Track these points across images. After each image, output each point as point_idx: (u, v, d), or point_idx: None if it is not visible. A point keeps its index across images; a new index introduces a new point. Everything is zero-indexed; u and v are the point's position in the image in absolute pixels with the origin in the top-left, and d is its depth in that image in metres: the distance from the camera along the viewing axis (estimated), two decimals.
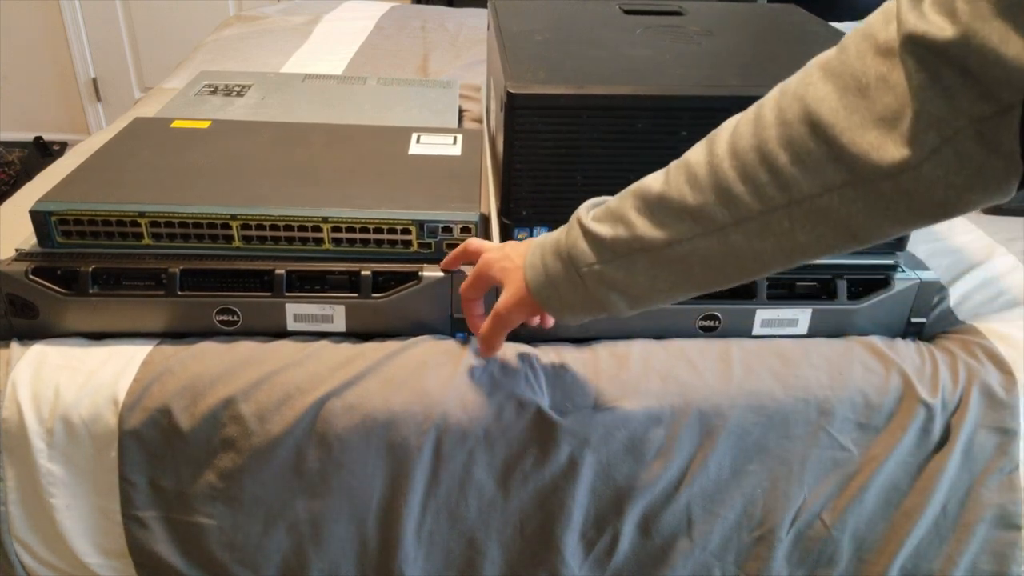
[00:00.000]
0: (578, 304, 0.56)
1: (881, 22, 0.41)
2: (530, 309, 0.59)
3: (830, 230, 0.45)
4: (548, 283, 0.56)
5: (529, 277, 0.58)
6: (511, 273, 0.60)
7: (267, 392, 0.64)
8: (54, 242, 0.68)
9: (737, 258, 0.48)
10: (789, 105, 0.44)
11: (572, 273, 0.55)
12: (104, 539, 0.68)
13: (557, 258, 0.56)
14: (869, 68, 0.41)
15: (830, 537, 0.70)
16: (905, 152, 0.40)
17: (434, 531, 0.68)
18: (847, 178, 0.42)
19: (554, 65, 0.71)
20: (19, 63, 2.55)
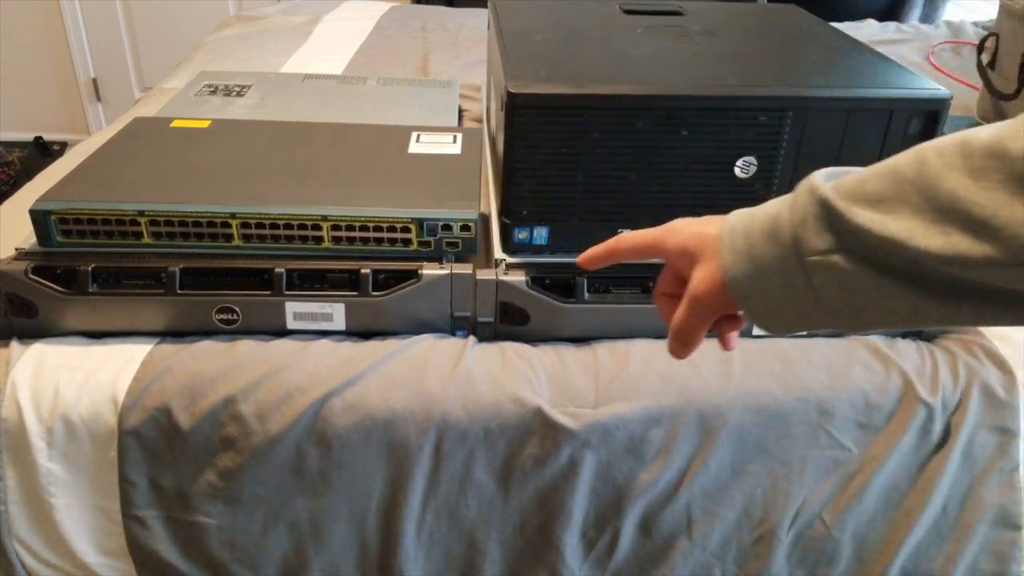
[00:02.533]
0: (790, 308, 0.40)
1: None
2: (727, 303, 0.43)
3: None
4: (754, 271, 0.41)
5: (726, 260, 0.42)
6: (708, 243, 0.44)
7: (267, 391, 0.64)
8: (54, 241, 0.68)
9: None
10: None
11: (793, 260, 0.39)
12: (104, 539, 0.68)
13: (771, 238, 0.40)
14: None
15: (830, 537, 0.70)
16: None
17: (434, 530, 0.68)
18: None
19: (554, 65, 0.71)
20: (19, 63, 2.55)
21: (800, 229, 0.39)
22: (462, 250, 0.70)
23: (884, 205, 0.36)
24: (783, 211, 0.40)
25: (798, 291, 0.40)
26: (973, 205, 0.33)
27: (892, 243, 0.36)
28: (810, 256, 0.38)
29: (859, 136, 0.69)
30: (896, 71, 0.73)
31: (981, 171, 0.33)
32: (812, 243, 0.38)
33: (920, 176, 0.35)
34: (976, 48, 1.11)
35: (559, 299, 0.70)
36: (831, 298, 0.39)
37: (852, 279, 0.38)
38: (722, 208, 0.70)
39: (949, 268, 0.34)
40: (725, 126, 0.67)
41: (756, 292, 0.41)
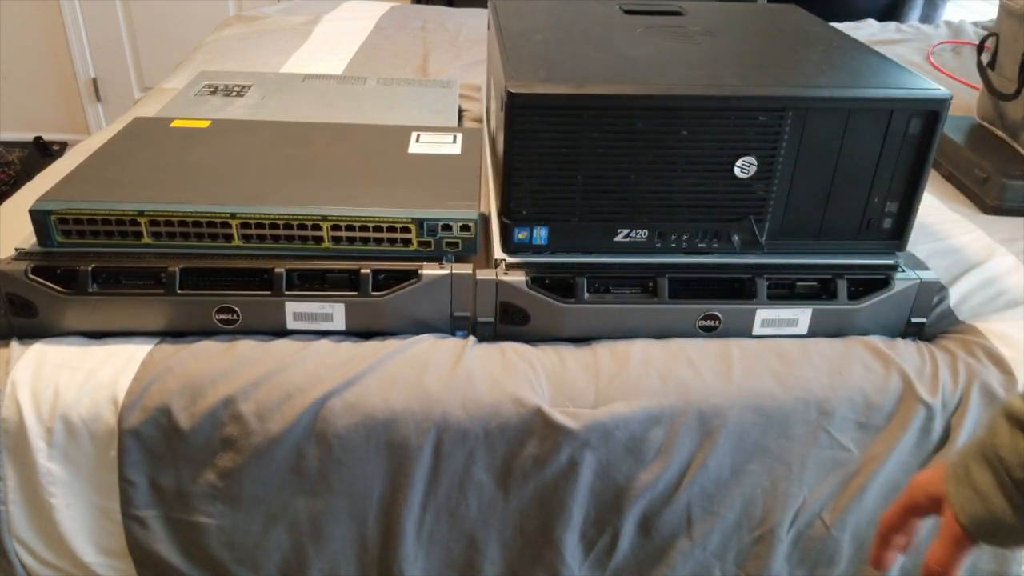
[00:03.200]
0: (1017, 527, 0.42)
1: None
2: (964, 536, 0.45)
3: None
4: (976, 497, 0.44)
5: (951, 490, 0.45)
6: (944, 486, 0.48)
7: (267, 391, 0.64)
8: (54, 241, 0.68)
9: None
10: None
11: (1004, 479, 0.42)
12: (104, 538, 0.68)
13: (984, 463, 0.43)
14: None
15: (830, 537, 0.70)
16: None
17: (434, 530, 0.68)
18: None
19: (554, 65, 0.71)
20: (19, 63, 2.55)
21: (1003, 449, 0.41)
22: (462, 250, 0.70)
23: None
24: (986, 436, 0.43)
25: (1017, 508, 0.42)
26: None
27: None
28: (1016, 473, 0.41)
29: (859, 136, 0.69)
30: (896, 71, 0.73)
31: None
32: (1017, 459, 0.41)
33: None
34: (976, 48, 1.11)
35: (559, 299, 0.70)
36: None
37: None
38: (721, 209, 0.71)
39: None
40: (725, 126, 0.67)
41: (980, 515, 0.43)
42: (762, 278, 0.71)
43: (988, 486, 0.43)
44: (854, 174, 0.71)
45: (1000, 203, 0.93)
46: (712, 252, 0.73)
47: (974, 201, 0.97)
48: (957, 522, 0.45)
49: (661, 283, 0.70)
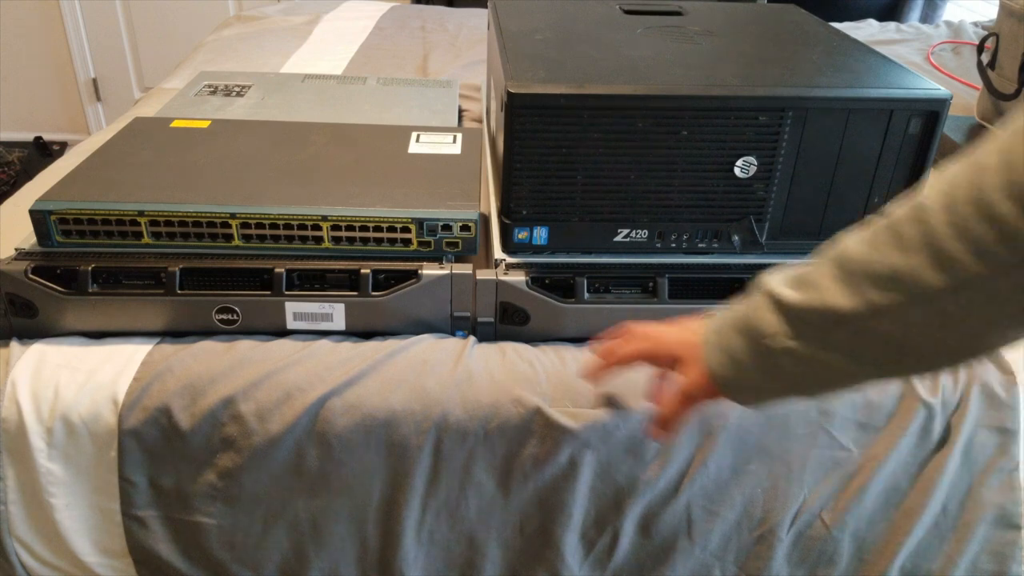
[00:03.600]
0: (766, 385, 0.49)
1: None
2: (711, 392, 0.53)
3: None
4: (731, 362, 0.50)
5: (707, 355, 0.51)
6: (690, 349, 0.54)
7: (267, 391, 0.64)
8: (54, 241, 0.68)
9: (953, 332, 0.40)
10: (1013, 146, 0.36)
11: (757, 348, 0.48)
12: (104, 538, 0.68)
13: (738, 331, 0.49)
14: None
15: (830, 537, 0.70)
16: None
17: (434, 530, 0.68)
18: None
19: (554, 65, 0.71)
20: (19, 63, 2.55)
21: (756, 321, 0.47)
22: (462, 250, 0.70)
23: (810, 283, 0.45)
24: (746, 310, 0.49)
25: (767, 372, 0.48)
26: (876, 264, 0.41)
27: (822, 312, 0.44)
28: (769, 343, 0.47)
29: (859, 136, 0.69)
30: (896, 71, 0.73)
31: (874, 236, 0.42)
32: (768, 330, 0.47)
33: (834, 256, 0.44)
34: (976, 48, 1.11)
35: (559, 299, 0.70)
36: (791, 374, 0.47)
37: (806, 355, 0.45)
38: (721, 209, 0.71)
39: (868, 322, 0.42)
40: (725, 126, 0.67)
41: (737, 379, 0.50)
42: None
43: (742, 352, 0.49)
44: (854, 174, 0.71)
45: None
46: (712, 252, 0.73)
47: None
48: (707, 382, 0.52)
49: (661, 283, 0.70)
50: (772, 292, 0.47)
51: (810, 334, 0.45)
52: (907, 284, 0.40)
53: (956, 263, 0.38)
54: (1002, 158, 0.36)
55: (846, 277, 0.43)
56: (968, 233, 0.37)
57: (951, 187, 0.39)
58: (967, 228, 0.37)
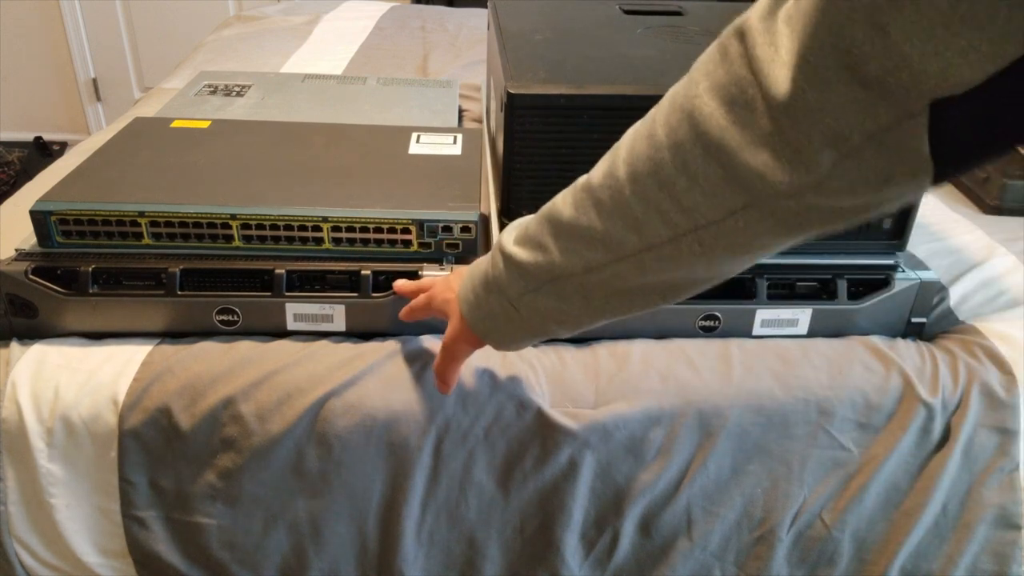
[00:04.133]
0: (518, 333, 0.55)
1: (761, 22, 0.37)
2: (475, 341, 0.58)
3: (744, 248, 0.42)
4: (485, 316, 0.55)
5: (465, 311, 0.57)
6: (452, 305, 0.59)
7: (267, 392, 0.64)
8: (54, 242, 0.68)
9: (658, 281, 0.46)
10: (680, 123, 0.40)
11: (505, 303, 0.53)
12: (104, 539, 0.68)
13: (487, 289, 0.54)
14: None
15: (830, 537, 0.70)
16: (800, 172, 0.36)
17: (434, 531, 0.68)
18: (747, 200, 0.39)
19: (554, 65, 0.71)
20: (19, 63, 2.55)
21: (499, 279, 0.53)
22: (462, 251, 0.70)
23: (536, 243, 0.50)
24: (488, 266, 0.54)
25: (517, 322, 0.53)
26: (583, 227, 0.47)
27: (549, 269, 0.49)
28: (512, 298, 0.52)
29: None
30: None
31: (580, 201, 0.47)
32: (510, 289, 0.52)
33: (549, 216, 0.49)
34: None
35: None
36: (539, 322, 0.53)
37: (543, 306, 0.51)
38: None
39: (587, 276, 0.48)
40: None
41: (493, 330, 0.55)
42: (762, 278, 0.71)
43: (492, 306, 0.54)
44: None
45: (1000, 203, 0.93)
46: None
47: (974, 201, 0.97)
48: (468, 331, 0.57)
49: None
50: (506, 250, 0.52)
51: (545, 288, 0.50)
52: (611, 244, 0.46)
53: (645, 226, 0.44)
54: (670, 135, 0.41)
55: (562, 237, 0.48)
56: (651, 201, 0.43)
57: (632, 156, 0.43)
58: (649, 197, 0.43)
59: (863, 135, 0.34)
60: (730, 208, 0.40)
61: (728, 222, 0.41)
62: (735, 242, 0.42)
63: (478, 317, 0.56)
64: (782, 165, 0.37)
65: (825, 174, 0.36)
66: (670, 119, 0.41)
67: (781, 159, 0.37)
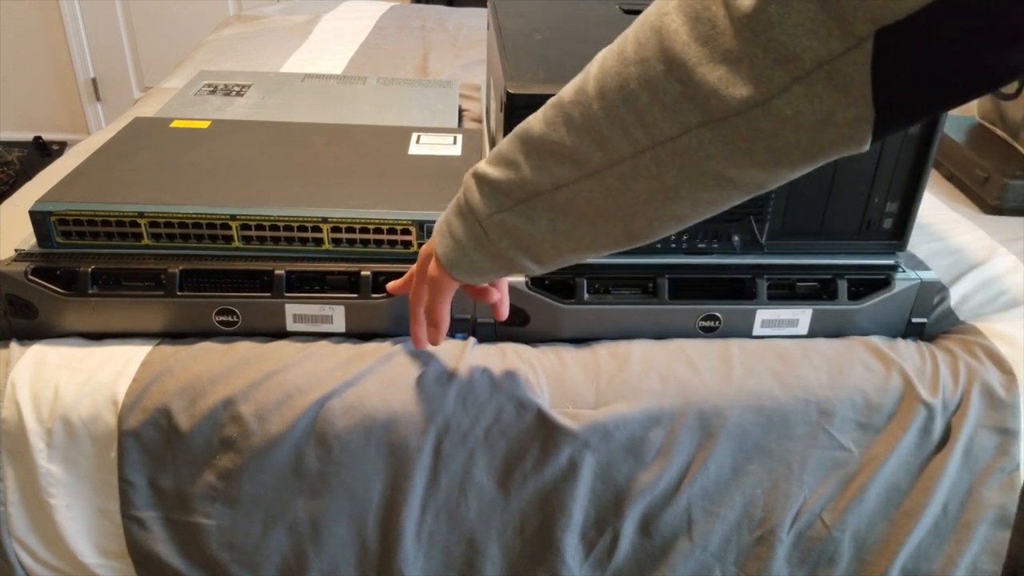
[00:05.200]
0: (486, 262, 0.54)
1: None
2: (449, 281, 0.57)
3: (697, 173, 0.43)
4: (454, 244, 0.54)
5: (437, 242, 0.56)
6: (430, 247, 0.59)
7: (267, 392, 0.64)
8: (53, 242, 0.68)
9: (619, 201, 0.46)
10: (648, 39, 0.41)
11: (474, 226, 0.52)
12: (104, 539, 0.68)
13: (458, 215, 0.54)
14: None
15: (830, 537, 0.70)
16: (751, 88, 0.37)
17: (434, 531, 0.68)
18: (702, 118, 0.40)
19: (554, 65, 0.71)
20: (19, 63, 2.55)
21: (470, 201, 0.52)
22: None
23: (508, 161, 0.49)
24: (460, 194, 0.54)
25: (486, 248, 0.52)
26: (552, 142, 0.47)
27: (520, 185, 0.49)
28: (481, 219, 0.51)
29: None
30: None
31: (550, 118, 0.47)
32: (479, 208, 0.51)
33: (521, 133, 0.49)
34: None
35: (559, 300, 0.70)
36: (506, 246, 0.52)
37: (512, 227, 0.50)
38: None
39: (555, 194, 0.48)
40: None
41: (462, 260, 0.54)
42: (762, 278, 0.71)
43: (463, 235, 0.53)
44: (854, 174, 0.71)
45: (1001, 203, 0.93)
46: (712, 252, 0.73)
47: (974, 201, 0.97)
48: (439, 267, 0.56)
49: (661, 283, 0.70)
50: (478, 171, 0.52)
51: (516, 209, 0.50)
52: (578, 160, 0.46)
53: (609, 141, 0.44)
54: (638, 51, 0.42)
55: (533, 153, 0.48)
56: (617, 119, 0.43)
57: (602, 75, 0.44)
58: (615, 113, 0.43)
59: (814, 60, 0.35)
60: (685, 125, 0.41)
61: (683, 140, 0.41)
62: (688, 163, 0.42)
63: (448, 246, 0.55)
64: (736, 80, 0.38)
65: (775, 93, 0.37)
66: (639, 35, 0.42)
67: (736, 75, 0.38)
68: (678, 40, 0.39)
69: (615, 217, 0.47)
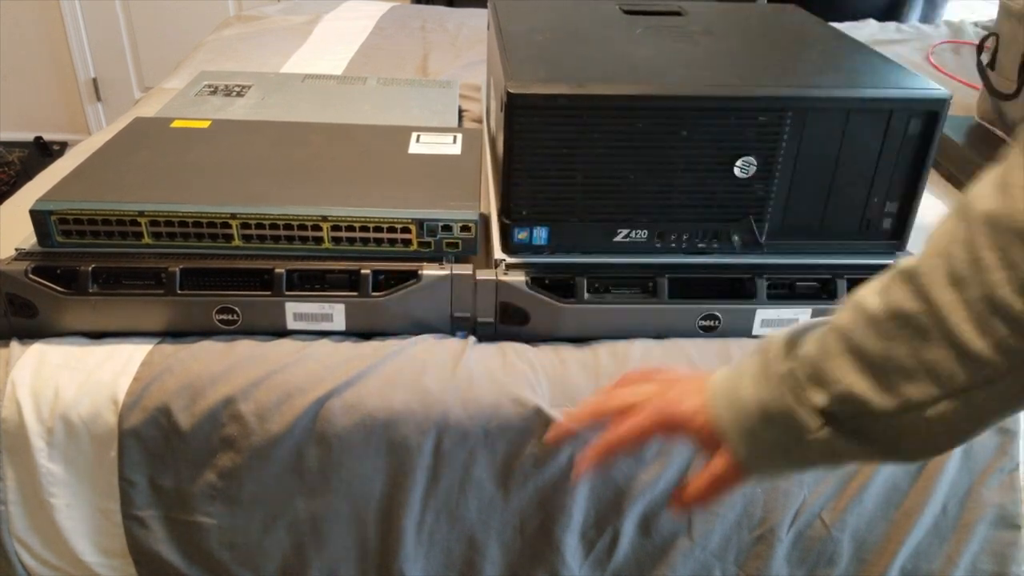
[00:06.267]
0: (792, 469, 0.53)
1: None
2: (739, 476, 0.52)
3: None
4: (766, 457, 0.49)
5: (739, 447, 0.50)
6: (713, 437, 0.52)
7: (267, 391, 0.64)
8: (54, 241, 0.68)
9: (977, 422, 0.41)
10: (1009, 244, 0.37)
11: (794, 443, 0.47)
12: (104, 538, 0.68)
13: (771, 425, 0.48)
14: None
15: (830, 537, 0.70)
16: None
17: (434, 531, 0.68)
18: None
19: (554, 65, 0.71)
20: (19, 63, 2.55)
21: (792, 419, 0.46)
22: (462, 250, 0.70)
23: (833, 380, 0.44)
24: (769, 400, 0.47)
25: (793, 460, 0.48)
26: (902, 358, 0.41)
27: (856, 407, 0.43)
28: (807, 437, 0.46)
29: (858, 136, 0.69)
30: (896, 71, 0.73)
31: (883, 328, 0.42)
32: (806, 428, 0.45)
33: (832, 349, 0.44)
34: (976, 48, 1.11)
35: (559, 299, 0.70)
36: (822, 461, 0.47)
37: (839, 447, 0.45)
38: (721, 209, 0.71)
39: (901, 417, 0.42)
40: (725, 126, 0.67)
41: (767, 467, 0.50)
42: (762, 278, 0.71)
43: (777, 446, 0.48)
44: (854, 174, 0.71)
45: None
46: (712, 252, 0.73)
47: None
48: (736, 465, 0.50)
49: (661, 283, 0.70)
50: (802, 391, 0.46)
51: (847, 427, 0.45)
52: (940, 377, 0.40)
53: (982, 359, 0.38)
54: (1000, 256, 0.37)
55: (869, 370, 0.43)
56: (989, 331, 0.38)
57: (955, 281, 0.39)
58: (988, 326, 0.38)
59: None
60: None
61: None
62: None
63: (752, 452, 0.50)
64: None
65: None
66: (998, 240, 0.38)
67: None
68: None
69: (966, 434, 0.43)
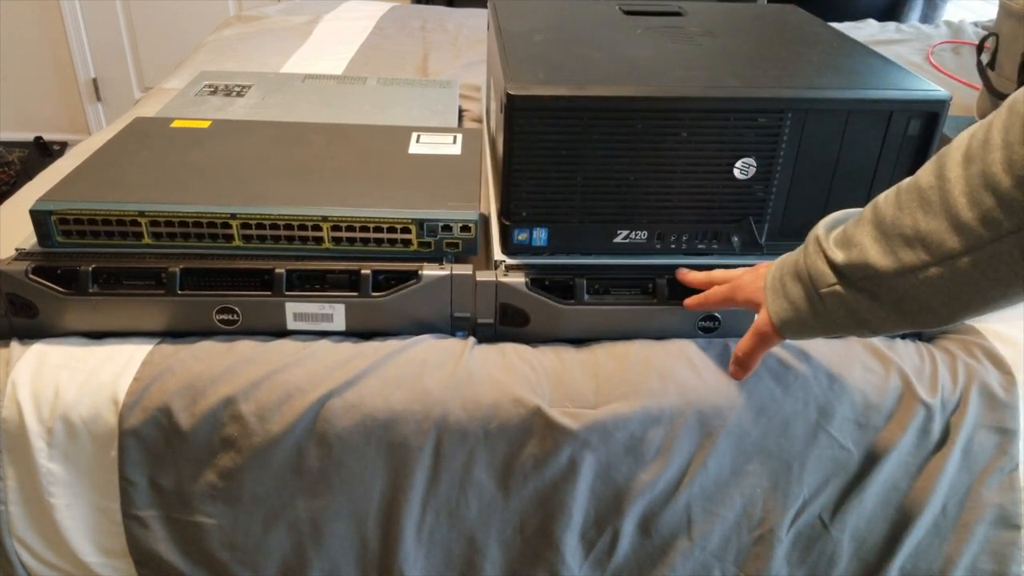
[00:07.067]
0: (818, 328, 0.57)
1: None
2: (775, 333, 0.60)
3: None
4: (789, 307, 0.58)
5: (769, 300, 0.59)
6: (760, 295, 0.62)
7: (267, 391, 0.64)
8: (54, 241, 0.68)
9: (964, 289, 0.47)
10: (1012, 124, 0.43)
11: (812, 293, 0.55)
12: (104, 538, 0.68)
13: (797, 280, 0.57)
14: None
15: (830, 537, 0.70)
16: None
17: (434, 530, 0.68)
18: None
19: (554, 65, 0.71)
20: (19, 63, 2.55)
21: (812, 270, 0.55)
22: (462, 251, 0.70)
23: (854, 242, 0.52)
24: (800, 258, 0.57)
25: (819, 315, 0.56)
26: (904, 225, 0.49)
27: (864, 268, 0.52)
28: (821, 289, 0.55)
29: (858, 137, 0.69)
30: (896, 72, 0.73)
31: (905, 202, 0.49)
32: (820, 279, 0.55)
33: (862, 220, 0.53)
34: (976, 48, 1.11)
35: (559, 300, 0.70)
36: (840, 316, 0.55)
37: (851, 302, 0.53)
38: (721, 210, 0.71)
39: (898, 279, 0.50)
40: (724, 127, 0.67)
41: (792, 320, 0.58)
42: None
43: (799, 297, 0.57)
44: (853, 175, 0.71)
45: None
46: (712, 253, 0.73)
47: None
48: (770, 324, 0.59)
49: (660, 284, 0.71)
50: (823, 247, 0.54)
51: (857, 285, 0.52)
52: (931, 245, 0.47)
53: (968, 228, 0.45)
54: (1002, 137, 0.43)
55: (881, 237, 0.50)
56: (978, 203, 0.44)
57: (966, 158, 0.45)
58: (977, 199, 0.44)
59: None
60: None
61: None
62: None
63: (782, 307, 0.58)
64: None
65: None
66: (1007, 121, 0.43)
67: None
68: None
69: (958, 302, 0.49)
